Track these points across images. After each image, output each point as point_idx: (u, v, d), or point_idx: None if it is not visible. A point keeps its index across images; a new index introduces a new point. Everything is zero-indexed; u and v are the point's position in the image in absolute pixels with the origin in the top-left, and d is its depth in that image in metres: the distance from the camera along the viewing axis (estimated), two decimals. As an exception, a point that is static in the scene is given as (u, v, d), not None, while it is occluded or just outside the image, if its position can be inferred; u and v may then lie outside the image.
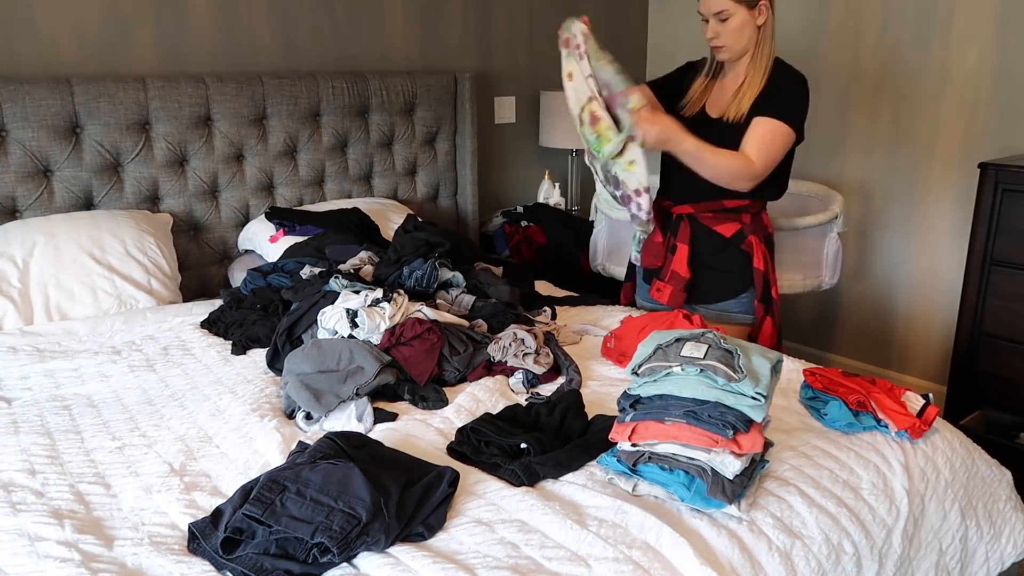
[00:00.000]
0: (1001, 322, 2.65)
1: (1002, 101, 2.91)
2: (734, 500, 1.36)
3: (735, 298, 2.26)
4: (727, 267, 2.24)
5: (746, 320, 2.28)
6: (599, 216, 3.12)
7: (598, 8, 3.80)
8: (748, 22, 2.08)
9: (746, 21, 2.08)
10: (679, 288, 2.25)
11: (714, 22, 2.09)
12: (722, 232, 2.23)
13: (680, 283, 2.24)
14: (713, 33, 2.10)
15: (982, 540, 1.73)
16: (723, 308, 2.27)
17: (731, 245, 2.23)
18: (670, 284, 2.25)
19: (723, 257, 2.24)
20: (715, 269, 2.25)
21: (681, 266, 2.24)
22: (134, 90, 2.57)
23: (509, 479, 1.48)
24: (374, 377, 1.79)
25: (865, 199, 3.35)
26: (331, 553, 1.23)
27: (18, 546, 1.30)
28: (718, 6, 2.06)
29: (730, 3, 2.05)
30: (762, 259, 2.24)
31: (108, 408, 1.80)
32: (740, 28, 2.08)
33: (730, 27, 2.08)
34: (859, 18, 3.23)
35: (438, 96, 3.23)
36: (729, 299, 2.26)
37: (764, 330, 2.27)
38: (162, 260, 2.49)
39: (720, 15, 2.07)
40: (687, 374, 1.40)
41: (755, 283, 2.24)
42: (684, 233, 2.25)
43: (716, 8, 2.07)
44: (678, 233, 2.26)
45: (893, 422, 1.68)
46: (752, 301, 2.26)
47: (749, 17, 2.08)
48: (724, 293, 2.26)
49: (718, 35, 2.10)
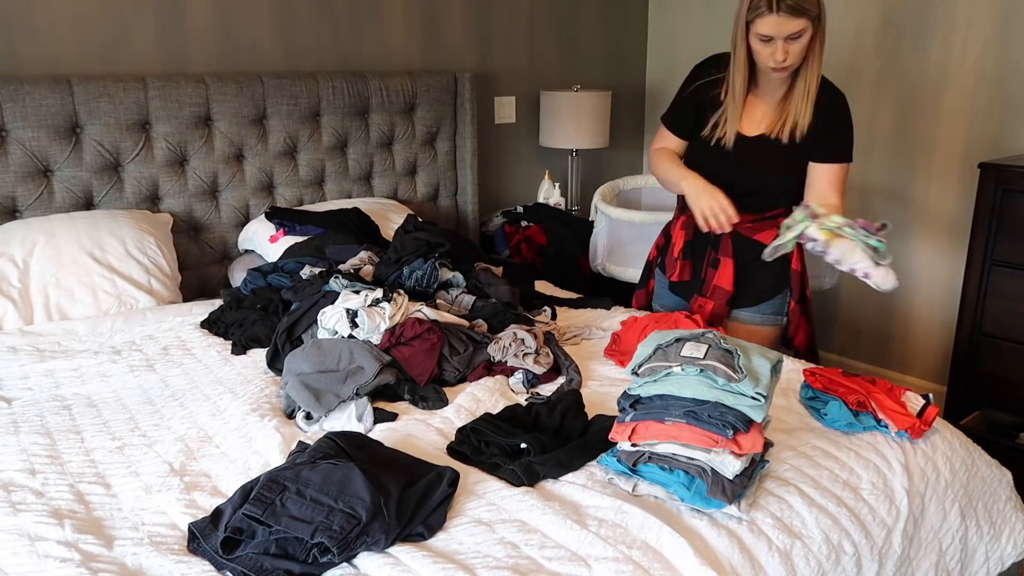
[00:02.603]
0: (1001, 322, 2.65)
1: (1002, 101, 2.91)
2: (734, 500, 1.36)
3: (771, 299, 2.23)
4: (767, 269, 2.19)
5: (778, 322, 2.26)
6: (599, 216, 3.12)
7: (598, 8, 3.80)
8: (815, 36, 1.94)
9: (813, 36, 1.94)
10: (722, 303, 2.20)
11: (783, 42, 1.91)
12: (762, 240, 2.15)
13: (724, 298, 2.19)
14: (784, 54, 1.92)
15: (982, 540, 1.73)
16: (757, 311, 2.24)
17: None
18: (712, 299, 2.20)
19: (765, 264, 2.16)
20: (756, 274, 2.21)
21: (725, 280, 2.18)
22: (134, 90, 2.57)
23: (509, 479, 1.48)
24: (374, 377, 1.79)
25: (865, 199, 3.35)
26: (331, 553, 1.23)
27: (18, 546, 1.30)
28: (794, 27, 1.88)
29: (807, 21, 1.89)
30: (799, 261, 2.21)
31: (108, 408, 1.80)
32: (807, 44, 1.94)
33: (800, 44, 1.92)
34: (859, 18, 3.23)
35: (438, 96, 3.23)
36: (763, 301, 2.23)
37: (800, 333, 2.25)
38: (162, 260, 2.49)
39: (794, 34, 1.90)
40: (687, 374, 1.40)
41: (791, 284, 2.22)
42: (727, 247, 2.18)
43: (792, 29, 1.89)
44: (720, 248, 2.20)
45: (893, 422, 1.68)
46: (785, 302, 2.24)
47: (817, 32, 1.94)
48: (760, 296, 2.23)
49: (788, 54, 1.92)
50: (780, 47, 1.92)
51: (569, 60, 3.77)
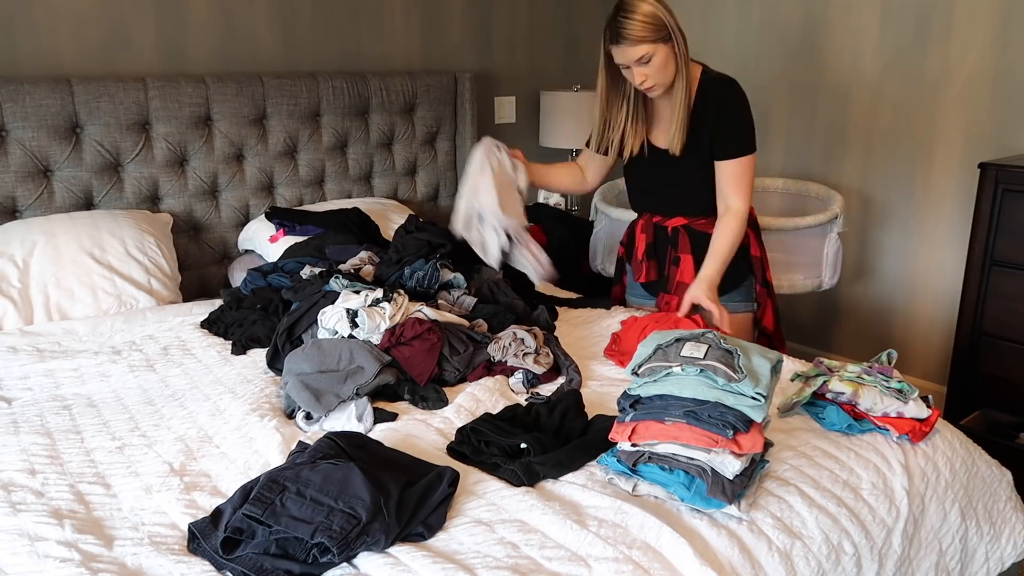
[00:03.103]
0: (1001, 322, 2.65)
1: (1002, 101, 2.91)
2: (734, 500, 1.36)
3: (737, 288, 2.29)
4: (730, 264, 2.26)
5: (750, 308, 2.33)
6: (599, 216, 3.12)
7: (598, 8, 3.80)
8: (669, 56, 2.03)
9: (668, 55, 2.03)
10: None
11: (637, 68, 2.03)
12: None
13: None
14: (642, 77, 2.04)
15: (982, 540, 1.73)
16: (727, 300, 2.28)
17: None
18: (677, 295, 2.26)
19: None
20: None
21: (688, 275, 2.25)
22: (134, 90, 2.57)
23: (509, 479, 1.48)
24: (374, 377, 1.79)
25: (865, 199, 3.36)
26: (331, 553, 1.23)
27: (18, 546, 1.30)
28: (637, 53, 2.00)
29: (649, 46, 1.99)
30: (757, 245, 2.31)
31: (108, 408, 1.80)
32: (664, 64, 2.03)
33: (655, 66, 2.02)
34: (859, 18, 3.23)
35: (438, 96, 3.23)
36: (732, 290, 2.28)
37: (767, 314, 2.33)
38: (162, 260, 2.49)
39: (642, 59, 2.01)
40: (687, 374, 1.40)
41: (754, 269, 2.31)
42: (685, 243, 2.28)
43: (636, 55, 2.00)
44: (679, 245, 2.29)
45: (894, 427, 1.68)
46: (753, 288, 2.32)
47: (669, 50, 2.03)
48: (727, 286, 2.27)
49: (647, 77, 2.04)
50: (636, 72, 2.04)
51: (569, 60, 3.77)
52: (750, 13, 3.58)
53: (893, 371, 1.78)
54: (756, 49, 3.58)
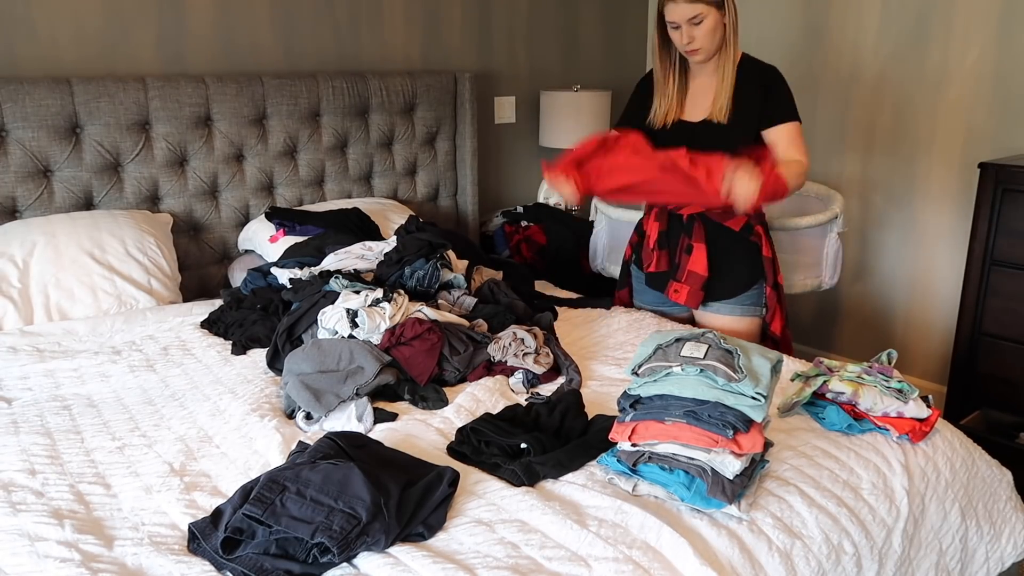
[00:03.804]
0: (1001, 322, 2.65)
1: (1002, 101, 2.91)
2: (734, 500, 1.36)
3: (748, 291, 2.28)
4: (740, 260, 2.27)
5: (758, 313, 2.32)
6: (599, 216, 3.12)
7: (598, 8, 3.80)
8: (719, 22, 2.11)
9: (717, 22, 2.10)
10: (696, 287, 2.26)
11: (687, 27, 2.10)
12: (732, 227, 2.24)
13: (698, 282, 2.26)
14: (688, 38, 2.11)
15: (982, 540, 1.73)
16: (736, 303, 2.30)
17: (742, 238, 2.26)
18: (687, 284, 2.27)
19: (736, 251, 2.27)
20: (729, 264, 2.27)
21: (699, 265, 2.25)
22: (134, 90, 2.57)
23: (509, 479, 1.48)
24: (374, 377, 1.79)
25: (865, 199, 3.36)
26: (331, 553, 1.23)
27: (18, 546, 1.30)
28: (691, 12, 2.07)
29: (702, 6, 2.07)
30: (768, 246, 2.30)
31: (108, 408, 1.80)
32: (713, 29, 2.10)
33: (704, 29, 2.10)
34: (859, 18, 3.23)
35: (438, 96, 3.23)
36: (744, 291, 2.28)
37: (776, 319, 2.31)
38: (162, 260, 2.49)
39: (693, 19, 2.08)
40: (687, 374, 1.40)
41: (765, 271, 2.29)
42: (699, 233, 2.26)
43: (690, 14, 2.08)
44: (692, 233, 2.27)
45: (894, 427, 1.68)
46: (762, 291, 2.30)
47: (719, 17, 2.10)
48: (739, 286, 2.28)
49: (693, 39, 2.11)
50: (684, 31, 2.11)
51: (569, 60, 3.77)
52: (750, 14, 3.58)
53: (893, 371, 1.78)
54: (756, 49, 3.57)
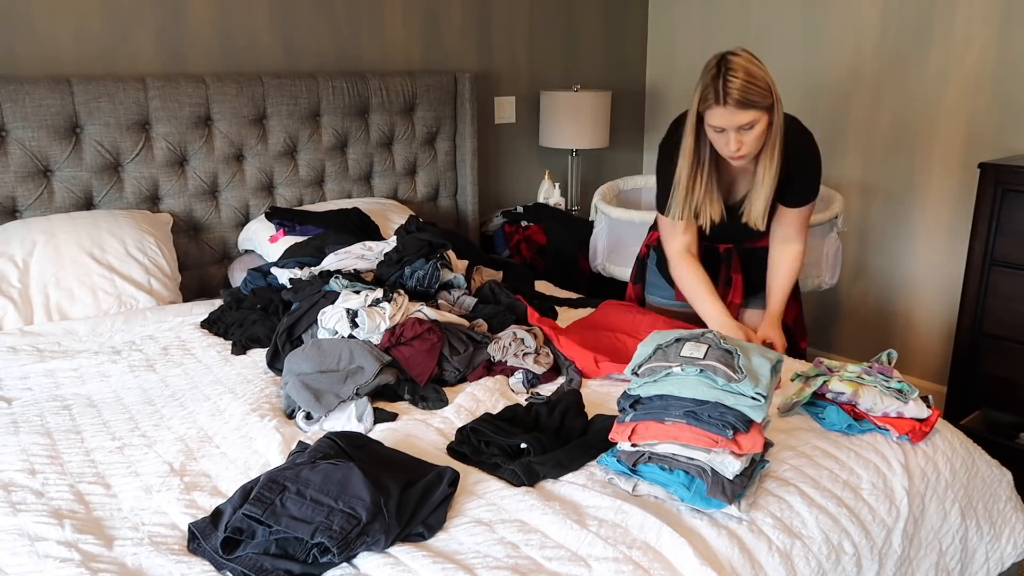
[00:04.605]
0: (1001, 322, 2.65)
1: (1002, 101, 2.91)
2: (734, 500, 1.36)
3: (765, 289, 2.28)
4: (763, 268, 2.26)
5: None
6: (599, 216, 3.12)
7: (598, 8, 3.80)
8: (768, 125, 1.89)
9: (767, 125, 1.88)
10: (736, 315, 2.25)
11: (735, 133, 1.86)
12: (764, 245, 2.24)
13: (737, 311, 2.27)
14: (737, 144, 1.87)
15: (982, 540, 1.73)
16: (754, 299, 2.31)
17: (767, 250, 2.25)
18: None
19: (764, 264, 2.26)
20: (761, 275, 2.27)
21: (738, 295, 2.25)
22: (134, 90, 2.57)
23: (509, 479, 1.48)
24: (374, 377, 1.79)
25: (865, 199, 3.36)
26: (331, 553, 1.23)
27: (18, 546, 1.30)
28: (745, 119, 1.83)
29: (754, 113, 1.83)
30: None
31: (108, 408, 1.80)
32: (762, 133, 1.89)
33: (754, 135, 1.87)
34: (859, 18, 3.23)
35: (438, 96, 3.23)
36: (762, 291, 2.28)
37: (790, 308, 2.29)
38: (162, 260, 2.49)
39: (745, 125, 1.85)
40: (687, 374, 1.40)
41: None
42: (737, 264, 2.25)
43: (744, 121, 1.84)
44: (731, 264, 2.25)
45: (894, 427, 1.68)
46: None
47: (769, 121, 1.88)
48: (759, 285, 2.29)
49: (742, 144, 1.87)
50: (732, 138, 1.87)
51: (569, 60, 3.77)
52: (750, 14, 3.58)
53: (893, 371, 1.78)
54: (756, 49, 3.57)
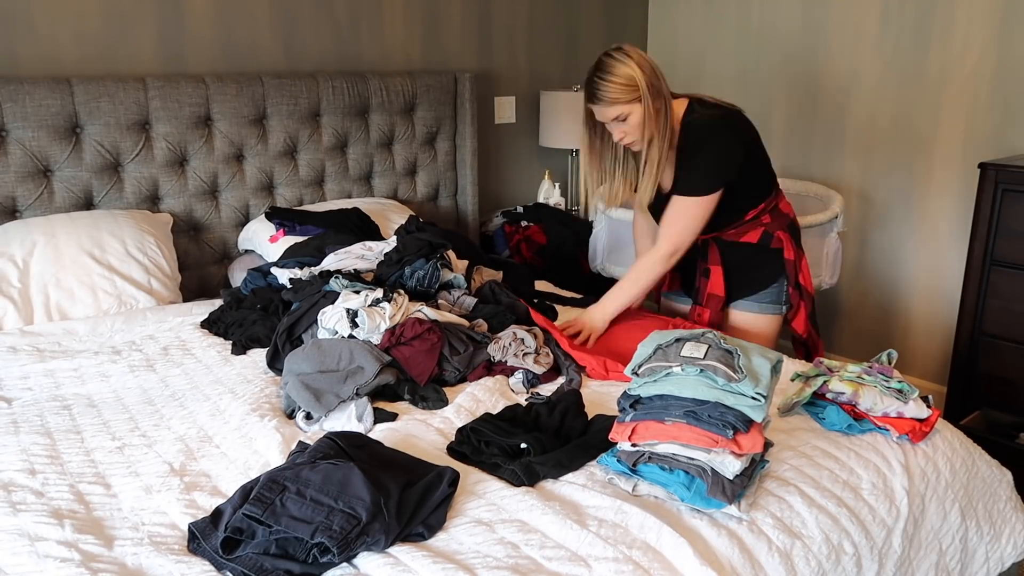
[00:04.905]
0: (1001, 322, 2.65)
1: (1002, 101, 2.91)
2: (734, 500, 1.36)
3: (767, 288, 2.28)
4: (758, 266, 2.27)
5: (778, 311, 2.31)
6: (599, 216, 3.12)
7: (598, 8, 3.80)
8: (647, 112, 2.03)
9: (645, 112, 2.03)
10: (717, 308, 2.27)
11: (615, 125, 2.05)
12: (749, 240, 2.24)
13: (718, 303, 2.27)
14: (620, 134, 2.07)
15: (982, 540, 1.73)
16: (755, 300, 2.29)
17: (761, 249, 2.25)
18: (708, 307, 2.27)
19: (755, 260, 2.26)
20: (748, 272, 2.27)
21: (717, 287, 2.26)
22: (134, 90, 2.57)
23: (509, 479, 1.48)
24: (374, 377, 1.79)
25: (865, 199, 3.35)
26: (331, 553, 1.23)
27: (18, 546, 1.30)
28: (612, 113, 2.02)
29: (622, 107, 2.01)
30: (792, 249, 2.27)
31: (108, 408, 1.80)
32: (640, 123, 2.04)
33: (632, 124, 2.04)
34: (859, 18, 3.23)
35: (438, 96, 3.23)
36: (761, 290, 2.28)
37: (800, 316, 2.29)
38: (162, 260, 2.49)
39: (617, 118, 2.03)
40: (687, 374, 1.40)
41: (787, 272, 2.27)
42: (715, 256, 2.26)
43: (611, 115, 2.03)
44: (708, 256, 2.27)
45: (894, 427, 1.68)
46: (784, 290, 2.29)
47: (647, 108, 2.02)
48: (756, 286, 2.28)
49: (625, 134, 2.07)
50: (614, 129, 2.07)
51: (569, 60, 3.77)
52: (750, 14, 3.58)
53: (893, 371, 1.78)
54: (756, 50, 3.58)
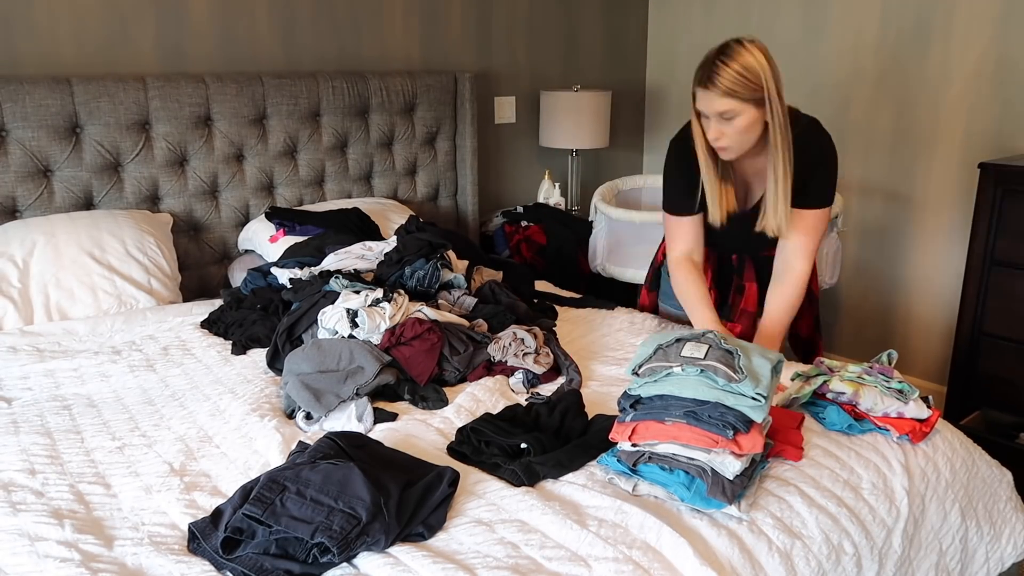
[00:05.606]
0: (1001, 322, 2.65)
1: (1002, 101, 2.91)
2: (734, 500, 1.36)
3: None
4: None
5: None
6: (599, 216, 3.12)
7: (598, 8, 3.80)
8: (757, 120, 1.77)
9: (755, 120, 1.76)
10: (749, 324, 2.19)
11: (715, 121, 1.77)
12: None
13: (751, 319, 2.20)
14: (717, 133, 1.79)
15: (982, 541, 1.73)
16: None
17: None
18: (740, 322, 2.19)
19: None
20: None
21: (751, 303, 2.20)
22: (134, 90, 2.57)
23: (509, 479, 1.48)
24: (374, 377, 1.79)
25: (865, 199, 3.36)
26: (331, 553, 1.23)
27: (18, 546, 1.30)
28: (722, 106, 1.74)
29: (735, 103, 1.73)
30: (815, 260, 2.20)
31: (108, 408, 1.80)
32: (747, 128, 1.77)
33: (736, 127, 1.77)
34: (859, 18, 3.23)
35: (438, 96, 3.23)
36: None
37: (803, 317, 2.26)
38: (162, 260, 2.49)
39: (724, 114, 1.76)
40: (687, 374, 1.40)
41: None
42: (750, 272, 2.19)
43: (720, 108, 1.75)
44: (744, 273, 2.20)
45: (894, 427, 1.68)
46: None
47: (759, 115, 1.76)
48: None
49: (722, 135, 1.79)
50: (712, 125, 1.79)
51: (569, 60, 3.77)
52: (750, 14, 3.58)
53: (893, 371, 1.78)
54: (756, 49, 3.58)
